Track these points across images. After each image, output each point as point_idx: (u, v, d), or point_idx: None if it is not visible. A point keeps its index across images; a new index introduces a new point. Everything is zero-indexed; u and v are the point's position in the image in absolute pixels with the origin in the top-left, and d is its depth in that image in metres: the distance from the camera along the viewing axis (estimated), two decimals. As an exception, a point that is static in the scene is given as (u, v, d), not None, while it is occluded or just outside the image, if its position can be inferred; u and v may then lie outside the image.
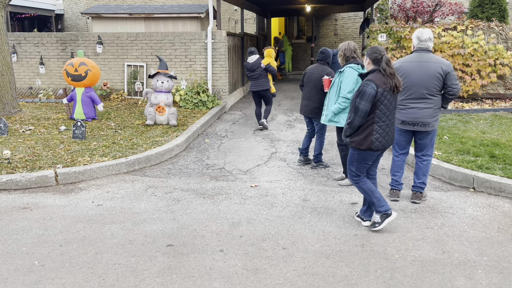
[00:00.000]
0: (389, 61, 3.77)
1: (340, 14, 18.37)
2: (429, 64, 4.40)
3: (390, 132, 3.88)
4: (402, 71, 4.51)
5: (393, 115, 3.89)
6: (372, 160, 3.95)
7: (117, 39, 10.31)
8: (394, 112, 3.89)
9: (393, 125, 3.91)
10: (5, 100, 8.15)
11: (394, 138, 4.01)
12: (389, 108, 3.79)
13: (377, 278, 3.25)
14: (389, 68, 3.74)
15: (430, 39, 4.46)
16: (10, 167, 5.50)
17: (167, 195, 4.94)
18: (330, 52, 5.86)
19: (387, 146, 3.87)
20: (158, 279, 3.26)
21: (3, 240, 3.87)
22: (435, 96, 4.44)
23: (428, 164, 4.67)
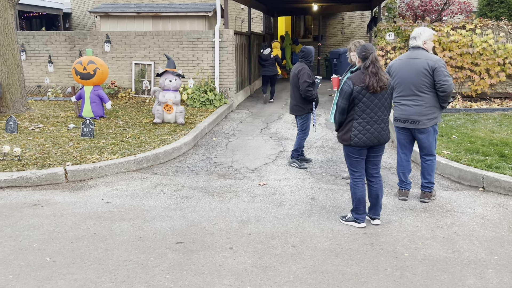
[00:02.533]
0: (375, 60, 3.82)
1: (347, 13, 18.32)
2: (416, 61, 4.41)
3: (373, 130, 3.90)
4: (393, 69, 4.56)
5: (378, 113, 3.89)
6: (358, 155, 4.00)
7: (125, 38, 10.36)
8: (380, 110, 3.89)
9: (376, 123, 3.90)
10: (15, 98, 8.22)
11: (384, 136, 3.97)
12: (369, 106, 3.85)
13: (387, 277, 3.24)
14: (372, 67, 3.79)
15: (419, 37, 4.46)
16: (21, 164, 5.55)
17: (176, 193, 4.96)
18: (310, 50, 5.80)
19: (368, 143, 3.92)
20: (168, 275, 3.28)
21: (15, 236, 3.91)
22: (426, 93, 4.40)
23: (432, 164, 4.63)
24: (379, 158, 4.09)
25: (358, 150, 3.97)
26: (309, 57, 5.79)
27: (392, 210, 4.47)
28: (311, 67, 5.87)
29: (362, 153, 4.00)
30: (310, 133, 7.81)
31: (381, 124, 3.92)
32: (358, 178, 4.07)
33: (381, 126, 3.92)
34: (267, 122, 8.78)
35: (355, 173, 4.09)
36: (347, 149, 4.04)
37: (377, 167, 4.12)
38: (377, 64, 3.81)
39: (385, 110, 3.93)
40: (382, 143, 3.98)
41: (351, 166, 4.09)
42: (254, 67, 13.23)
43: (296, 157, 5.98)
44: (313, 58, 5.84)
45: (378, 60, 3.83)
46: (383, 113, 3.92)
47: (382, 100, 3.88)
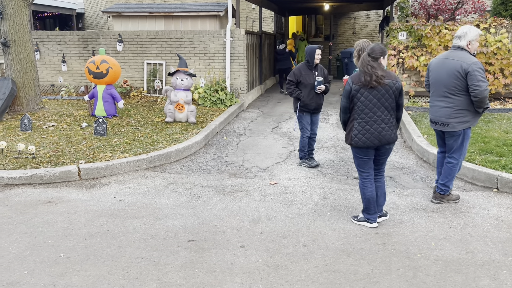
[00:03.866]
0: (363, 60, 3.85)
1: (359, 13, 18.21)
2: (451, 62, 4.27)
3: (372, 130, 3.87)
4: (431, 68, 4.48)
5: (378, 113, 3.86)
6: (364, 156, 3.99)
7: (137, 37, 10.44)
8: (380, 110, 3.85)
9: (376, 123, 3.86)
10: (29, 97, 8.33)
11: (386, 137, 3.89)
12: (367, 105, 3.85)
13: (399, 277, 3.22)
14: (363, 66, 3.83)
15: (463, 37, 4.27)
16: (35, 162, 5.63)
17: (188, 191, 4.99)
18: (306, 49, 5.72)
19: (368, 144, 3.89)
20: (180, 273, 3.30)
21: (29, 233, 3.96)
22: (457, 95, 4.27)
23: (452, 168, 4.48)
24: (384, 159, 4.08)
25: (363, 150, 3.96)
26: (306, 56, 5.74)
27: (405, 210, 4.44)
28: (312, 66, 5.70)
29: (368, 153, 3.98)
30: (321, 132, 7.80)
31: (382, 124, 3.88)
32: (366, 178, 4.06)
33: (381, 126, 3.88)
34: (278, 122, 8.77)
35: (363, 173, 4.08)
36: (353, 149, 4.06)
37: (380, 168, 4.11)
38: (370, 63, 3.81)
39: (385, 110, 3.88)
40: (384, 144, 3.92)
41: (359, 166, 4.10)
42: (265, 66, 13.23)
43: (303, 157, 5.96)
44: (312, 58, 5.65)
45: (364, 60, 3.84)
46: (383, 113, 3.88)
47: (382, 100, 3.85)
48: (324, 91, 5.79)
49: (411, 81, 9.75)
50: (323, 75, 5.80)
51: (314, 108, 5.81)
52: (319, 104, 5.84)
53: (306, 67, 5.73)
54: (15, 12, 7.94)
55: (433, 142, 6.40)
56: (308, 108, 5.78)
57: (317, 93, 5.73)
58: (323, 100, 5.89)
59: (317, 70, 5.76)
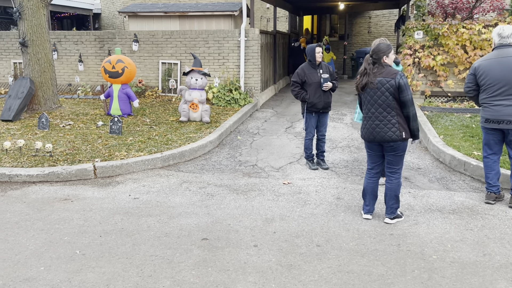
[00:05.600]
0: (364, 61, 4.05)
1: (374, 12, 18.05)
2: (509, 59, 4.24)
3: (368, 126, 4.08)
4: (482, 70, 4.38)
5: (371, 110, 4.01)
6: (367, 149, 4.23)
7: (152, 37, 10.52)
8: (373, 107, 3.99)
9: (370, 119, 4.04)
10: (47, 96, 8.47)
11: (381, 134, 3.95)
12: (364, 102, 4.14)
13: (414, 279, 3.18)
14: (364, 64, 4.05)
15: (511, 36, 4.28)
16: (52, 160, 5.72)
17: (201, 190, 5.01)
18: (307, 48, 5.64)
19: (365, 138, 4.14)
20: (194, 271, 3.32)
21: (46, 230, 4.03)
22: None
23: None
24: (390, 157, 4.06)
25: (366, 143, 4.22)
26: (308, 56, 5.63)
27: (420, 211, 4.38)
28: (315, 65, 5.60)
29: (371, 147, 4.16)
30: (336, 132, 7.76)
31: (375, 121, 3.99)
32: (368, 171, 4.29)
33: (375, 123, 4.00)
34: (291, 121, 8.75)
35: (367, 166, 4.32)
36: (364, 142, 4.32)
37: (390, 167, 4.10)
38: (365, 64, 4.02)
39: (379, 108, 3.96)
40: (378, 141, 4.01)
41: (367, 159, 4.33)
42: (279, 66, 13.21)
43: (306, 157, 5.90)
44: (313, 56, 5.54)
45: (367, 61, 4.01)
46: (377, 110, 3.98)
47: (375, 98, 3.98)
48: (331, 89, 5.68)
49: (427, 80, 9.62)
50: (329, 72, 5.68)
51: (322, 107, 5.63)
52: (327, 103, 5.66)
53: (310, 66, 5.62)
54: (33, 13, 8.08)
55: (449, 143, 6.30)
56: (317, 108, 5.61)
57: (324, 91, 5.60)
58: (331, 98, 5.71)
59: (321, 68, 5.62)
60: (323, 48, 5.77)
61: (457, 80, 9.48)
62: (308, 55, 5.62)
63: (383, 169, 4.82)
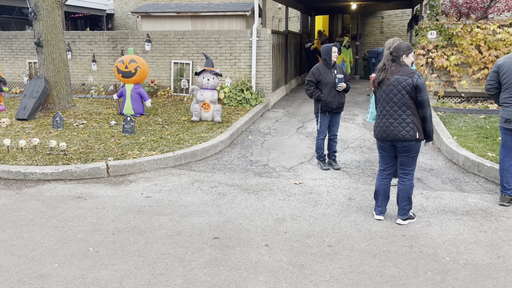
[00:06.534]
0: (387, 55, 4.00)
1: (387, 12, 17.92)
2: None
3: (382, 124, 4.04)
4: (506, 68, 4.32)
5: (386, 108, 3.98)
6: (380, 150, 4.18)
7: (165, 37, 10.59)
8: (388, 105, 3.96)
9: (385, 117, 4.00)
10: (61, 95, 8.58)
11: (394, 133, 3.93)
12: (379, 100, 4.09)
13: (426, 280, 3.16)
14: (383, 60, 4.04)
15: None
16: (66, 159, 5.79)
17: (213, 190, 5.03)
18: (322, 48, 5.65)
19: (378, 137, 4.10)
20: (205, 270, 3.33)
21: (60, 227, 4.09)
22: None
23: None
24: (403, 158, 4.03)
25: (378, 143, 4.17)
26: (323, 55, 5.64)
27: (433, 212, 4.35)
28: (330, 65, 5.59)
29: (383, 148, 4.12)
30: (348, 132, 7.72)
31: (390, 119, 3.96)
32: (380, 171, 4.26)
33: (389, 121, 3.97)
34: (303, 122, 8.73)
35: (379, 167, 4.29)
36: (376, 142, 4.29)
37: (403, 168, 4.08)
38: (384, 60, 4.00)
39: (394, 106, 3.93)
40: (391, 140, 3.98)
41: (379, 160, 4.29)
42: (290, 66, 13.20)
43: (318, 157, 5.90)
44: (329, 56, 5.55)
45: (386, 57, 3.99)
46: (392, 108, 3.95)
47: (390, 95, 3.95)
48: (345, 89, 5.70)
49: (440, 81, 9.52)
50: (342, 73, 5.70)
51: (336, 107, 5.66)
52: (341, 103, 5.70)
53: (325, 66, 5.63)
54: (48, 13, 8.19)
55: (463, 144, 6.24)
56: (330, 107, 5.64)
57: (338, 91, 5.63)
58: (344, 98, 5.75)
59: (335, 68, 5.66)
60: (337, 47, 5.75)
61: (471, 81, 9.37)
62: (323, 55, 5.62)
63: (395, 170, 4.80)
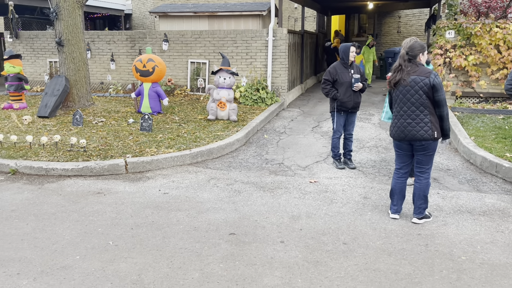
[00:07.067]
0: (399, 57, 3.99)
1: (404, 11, 17.76)
2: None
3: (399, 124, 4.05)
4: None
5: (404, 108, 3.98)
6: (396, 148, 4.19)
7: (182, 37, 10.71)
8: (406, 105, 3.96)
9: (402, 117, 4.00)
10: (81, 94, 8.76)
11: (412, 133, 3.95)
12: (395, 100, 4.09)
13: (442, 279, 3.16)
14: (399, 60, 4.00)
15: None
16: (86, 155, 5.93)
17: (229, 187, 5.10)
18: (340, 47, 5.65)
19: (396, 136, 4.10)
20: (221, 264, 3.40)
21: (81, 221, 4.20)
22: None
23: None
24: (420, 157, 4.04)
25: (395, 142, 4.19)
26: (341, 54, 5.64)
27: (449, 212, 4.33)
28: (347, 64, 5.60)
29: (400, 147, 4.14)
30: (363, 132, 7.71)
31: (407, 120, 3.97)
32: (396, 170, 4.26)
33: (407, 121, 3.98)
34: (318, 121, 8.75)
35: (395, 166, 4.29)
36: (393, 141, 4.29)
37: (419, 167, 4.09)
38: (400, 60, 3.96)
39: (412, 106, 3.95)
40: (409, 139, 4.01)
41: (395, 158, 4.30)
42: (306, 66, 13.20)
43: (334, 156, 5.92)
44: (347, 55, 5.56)
45: (403, 57, 3.95)
46: (410, 109, 3.97)
47: (408, 96, 3.96)
48: (361, 89, 5.69)
49: (458, 81, 9.42)
50: (359, 73, 5.70)
51: (352, 107, 5.67)
52: (357, 103, 5.70)
53: (342, 65, 5.64)
54: (69, 13, 8.37)
55: (480, 144, 6.18)
56: (346, 107, 5.65)
57: (355, 91, 5.63)
58: (360, 98, 5.75)
59: (352, 68, 5.66)
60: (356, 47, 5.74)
61: (490, 81, 9.24)
62: (341, 54, 5.63)
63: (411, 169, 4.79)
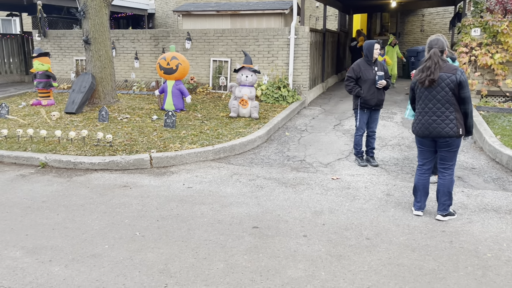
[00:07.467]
0: (433, 55, 3.92)
1: (428, 9, 17.51)
2: None
3: (424, 121, 4.03)
4: None
5: (429, 105, 3.97)
6: (419, 145, 4.20)
7: (204, 35, 10.83)
8: (431, 102, 3.95)
9: (427, 114, 3.99)
10: (106, 91, 8.97)
11: (437, 130, 3.94)
12: (420, 97, 4.07)
13: (467, 275, 3.15)
14: (428, 61, 3.93)
15: None
16: (112, 150, 6.08)
17: (251, 182, 5.16)
18: (364, 44, 5.63)
19: (420, 133, 4.09)
20: (245, 256, 3.46)
21: (108, 212, 4.33)
22: None
23: None
24: (444, 153, 4.04)
25: (418, 139, 4.19)
26: (365, 51, 5.63)
27: (474, 210, 4.29)
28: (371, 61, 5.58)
29: (423, 143, 4.14)
30: (386, 130, 7.66)
31: (433, 117, 3.97)
32: (419, 167, 4.25)
33: (432, 118, 3.97)
34: (340, 119, 8.73)
35: (418, 162, 4.28)
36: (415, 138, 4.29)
37: (443, 163, 4.09)
38: (435, 59, 3.89)
39: (437, 103, 3.95)
40: (435, 137, 4.00)
41: (417, 155, 4.30)
42: (327, 64, 13.16)
43: (356, 154, 5.93)
44: (371, 53, 5.54)
45: (437, 55, 3.90)
46: (435, 106, 3.96)
47: (433, 93, 3.96)
48: (384, 87, 5.68)
49: (484, 79, 9.26)
50: (383, 70, 5.68)
51: (375, 104, 5.66)
52: (380, 100, 5.69)
53: (365, 62, 5.64)
54: (96, 12, 8.58)
55: (507, 143, 6.07)
56: (369, 104, 5.65)
57: (378, 88, 5.62)
58: (384, 96, 5.74)
59: (376, 65, 5.65)
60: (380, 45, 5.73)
61: (517, 80, 9.05)
62: (365, 51, 5.62)
63: (434, 166, 4.76)
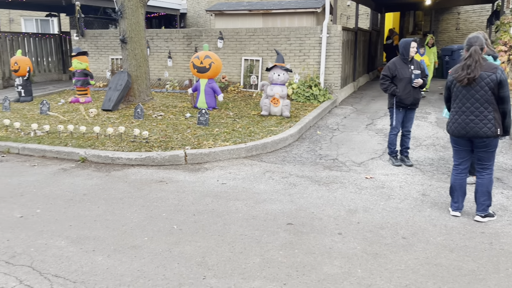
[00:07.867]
0: (474, 52, 3.82)
1: (464, 7, 17.04)
2: None
3: (460, 120, 3.97)
4: None
5: (466, 104, 3.90)
6: (454, 144, 4.13)
7: (236, 35, 10.93)
8: (469, 101, 3.89)
9: (464, 114, 3.92)
10: (141, 89, 9.20)
11: (475, 129, 3.87)
12: (457, 96, 4.00)
13: (508, 276, 3.09)
14: (468, 60, 3.85)
15: None
16: (148, 146, 6.25)
17: (284, 180, 5.19)
18: (400, 42, 5.55)
19: (455, 133, 4.02)
20: (281, 251, 3.50)
21: (146, 206, 4.46)
22: None
23: None
24: (481, 153, 3.97)
25: (453, 139, 4.12)
26: (401, 50, 5.55)
27: (514, 212, 4.18)
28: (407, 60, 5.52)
29: (459, 143, 4.08)
30: (420, 130, 7.54)
31: (470, 116, 3.90)
32: (455, 166, 4.19)
33: (469, 118, 3.91)
34: (372, 118, 8.64)
35: (454, 162, 4.22)
36: (450, 137, 4.23)
37: (481, 163, 4.02)
38: (476, 57, 3.82)
39: (475, 102, 3.88)
40: (471, 136, 3.93)
41: (453, 154, 4.24)
42: (359, 63, 13.03)
43: (390, 153, 5.86)
44: (407, 51, 5.47)
45: (478, 53, 3.82)
46: (473, 105, 3.89)
47: (472, 92, 3.88)
48: (421, 86, 5.58)
49: (523, 79, 8.95)
50: (419, 68, 5.59)
51: (411, 103, 5.59)
52: (416, 99, 5.61)
53: (401, 60, 5.57)
54: (132, 12, 8.81)
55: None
56: (405, 103, 5.58)
57: (414, 87, 5.54)
58: (420, 95, 5.67)
59: (413, 64, 5.58)
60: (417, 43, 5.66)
61: (559, 79, 8.71)
62: (401, 49, 5.56)
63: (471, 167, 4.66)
